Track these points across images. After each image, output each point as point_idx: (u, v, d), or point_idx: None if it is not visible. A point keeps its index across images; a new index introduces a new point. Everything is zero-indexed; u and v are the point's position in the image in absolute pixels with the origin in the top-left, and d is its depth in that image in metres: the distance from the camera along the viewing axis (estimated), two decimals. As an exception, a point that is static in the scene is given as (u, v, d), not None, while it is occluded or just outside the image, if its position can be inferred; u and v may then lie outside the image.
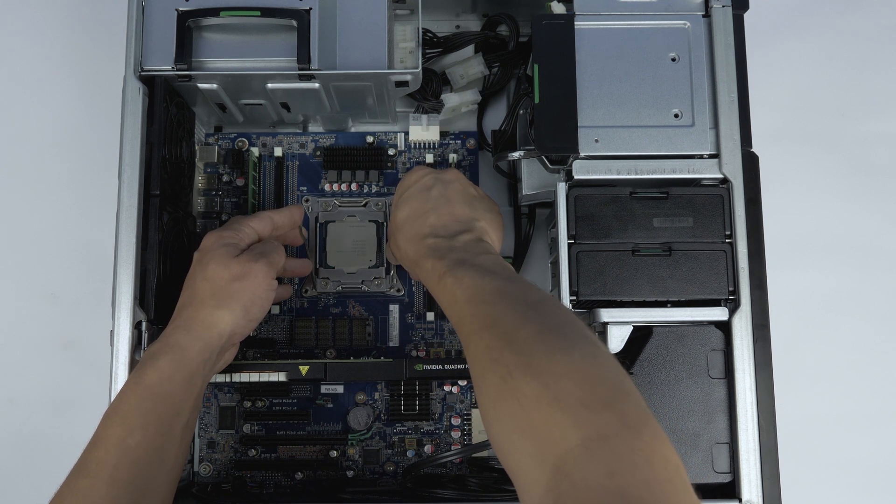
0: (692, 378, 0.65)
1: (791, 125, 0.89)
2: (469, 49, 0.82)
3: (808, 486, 0.83)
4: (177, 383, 0.59)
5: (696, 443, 0.64)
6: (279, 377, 0.69)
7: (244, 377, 0.69)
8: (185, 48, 0.67)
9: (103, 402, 0.62)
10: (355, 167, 0.81)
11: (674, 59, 0.68)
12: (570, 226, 0.66)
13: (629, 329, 0.65)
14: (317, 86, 0.70)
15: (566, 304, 0.65)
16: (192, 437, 0.65)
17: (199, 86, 0.70)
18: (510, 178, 0.81)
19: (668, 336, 0.66)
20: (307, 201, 0.81)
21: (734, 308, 0.65)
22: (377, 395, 0.78)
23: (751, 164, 0.68)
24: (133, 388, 0.58)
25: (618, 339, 0.65)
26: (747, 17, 0.70)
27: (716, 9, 0.69)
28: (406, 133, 0.82)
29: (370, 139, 0.82)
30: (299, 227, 0.76)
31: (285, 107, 0.77)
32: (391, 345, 0.79)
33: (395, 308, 0.80)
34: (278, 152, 0.81)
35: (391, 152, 0.82)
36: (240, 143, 0.82)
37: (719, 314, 0.65)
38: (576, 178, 0.66)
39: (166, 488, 0.59)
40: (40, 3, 0.91)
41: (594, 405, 0.43)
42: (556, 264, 0.70)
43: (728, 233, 0.66)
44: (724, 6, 0.69)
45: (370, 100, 0.75)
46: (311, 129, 0.83)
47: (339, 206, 0.80)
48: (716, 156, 0.67)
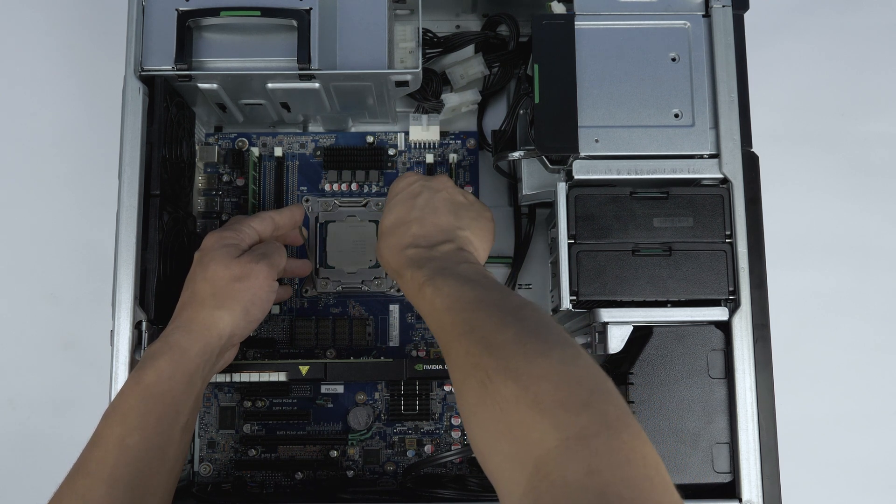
0: (692, 378, 0.65)
1: (791, 125, 0.89)
2: (469, 49, 0.82)
3: (808, 486, 0.83)
4: (176, 383, 0.59)
5: (696, 443, 0.64)
6: (279, 377, 0.69)
7: (244, 377, 0.69)
8: (185, 48, 0.67)
9: (103, 402, 0.62)
10: (355, 167, 0.81)
11: (674, 59, 0.68)
12: (570, 226, 0.66)
13: (629, 329, 0.65)
14: (317, 86, 0.70)
15: (566, 304, 0.65)
16: (192, 437, 0.65)
17: (200, 86, 0.70)
18: (510, 178, 0.81)
19: (669, 336, 0.66)
20: (307, 201, 0.81)
21: (734, 308, 0.65)
22: (377, 395, 0.78)
23: (751, 164, 0.68)
24: (132, 388, 0.58)
25: (618, 339, 0.65)
26: (747, 17, 0.70)
27: (716, 9, 0.69)
28: (406, 133, 0.82)
29: (370, 139, 0.82)
30: (300, 228, 0.76)
31: (285, 107, 0.77)
32: (391, 345, 0.79)
33: (395, 308, 0.80)
34: (278, 152, 0.81)
35: (391, 152, 0.82)
36: (240, 143, 0.82)
37: (719, 314, 0.65)
38: (576, 178, 0.66)
39: (166, 488, 0.58)
40: (40, 3, 0.91)
41: (573, 406, 0.43)
42: (556, 264, 0.70)
43: (728, 233, 0.66)
44: (724, 6, 0.69)
45: (370, 100, 0.75)
46: (312, 129, 0.83)
47: (340, 206, 0.80)
48: (716, 156, 0.67)
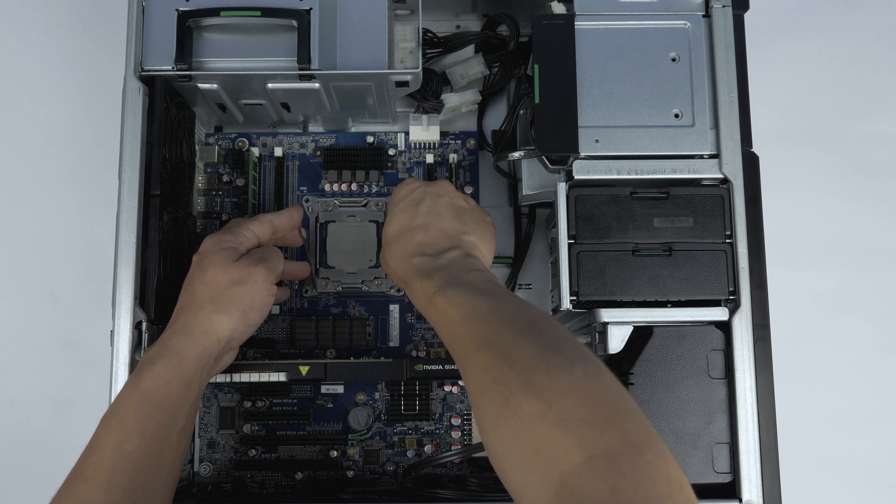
0: (692, 378, 0.65)
1: (791, 125, 0.89)
2: (469, 49, 0.82)
3: (808, 486, 0.83)
4: (174, 388, 0.59)
5: (696, 443, 0.64)
6: (279, 377, 0.69)
7: (244, 377, 0.69)
8: (185, 48, 0.67)
9: (103, 402, 0.62)
10: (355, 167, 0.81)
11: (674, 59, 0.68)
12: (570, 226, 0.66)
13: (629, 329, 0.65)
14: (317, 86, 0.70)
15: (566, 304, 0.65)
16: (190, 441, 0.65)
17: (200, 86, 0.70)
18: (510, 178, 0.81)
19: (669, 336, 0.66)
20: (307, 201, 0.81)
21: (734, 308, 0.65)
22: (377, 395, 0.78)
23: (751, 164, 0.68)
24: (130, 393, 0.58)
25: (618, 339, 0.65)
26: (747, 17, 0.70)
27: (716, 9, 0.69)
28: (406, 133, 0.82)
29: (370, 139, 0.82)
30: (299, 229, 0.75)
31: (285, 107, 0.77)
32: (391, 345, 0.79)
33: (395, 308, 0.80)
34: (278, 152, 0.81)
35: (391, 152, 0.82)
36: (240, 143, 0.82)
37: (719, 314, 0.65)
38: (576, 178, 0.66)
39: (163, 493, 0.58)
40: (40, 3, 0.91)
41: (598, 424, 0.43)
42: (556, 264, 0.70)
43: (728, 233, 0.66)
44: (724, 6, 0.69)
45: (370, 100, 0.75)
46: (312, 129, 0.83)
47: (340, 206, 0.80)
48: (716, 156, 0.67)
